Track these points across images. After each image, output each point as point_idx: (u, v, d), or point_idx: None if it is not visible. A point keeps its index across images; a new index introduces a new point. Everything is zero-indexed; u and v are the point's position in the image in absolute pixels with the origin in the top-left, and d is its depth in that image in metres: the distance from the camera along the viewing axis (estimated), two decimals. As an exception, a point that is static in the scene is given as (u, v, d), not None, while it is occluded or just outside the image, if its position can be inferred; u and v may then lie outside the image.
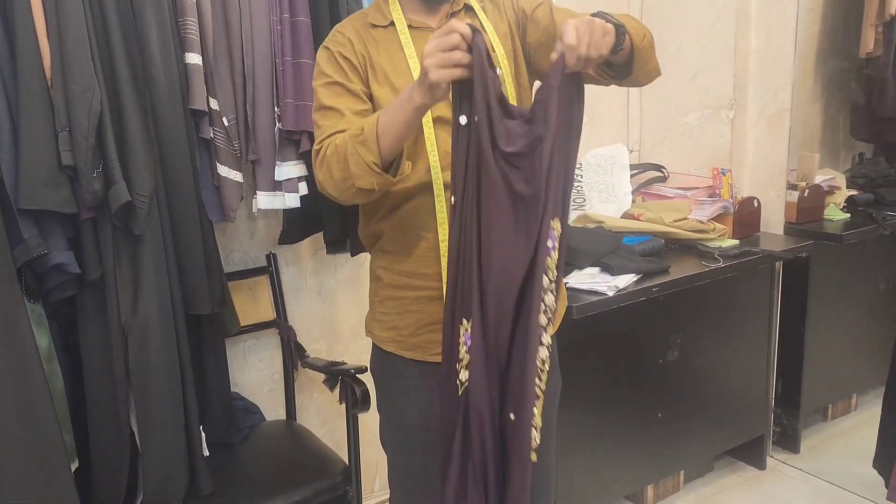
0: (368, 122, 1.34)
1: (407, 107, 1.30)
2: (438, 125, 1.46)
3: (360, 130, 1.34)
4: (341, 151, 1.36)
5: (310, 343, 2.46)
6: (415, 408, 1.56)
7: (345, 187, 1.38)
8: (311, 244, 2.41)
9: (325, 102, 1.46)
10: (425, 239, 1.49)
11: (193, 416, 1.90)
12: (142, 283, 1.73)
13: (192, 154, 1.89)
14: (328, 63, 1.49)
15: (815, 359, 2.83)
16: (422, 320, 1.52)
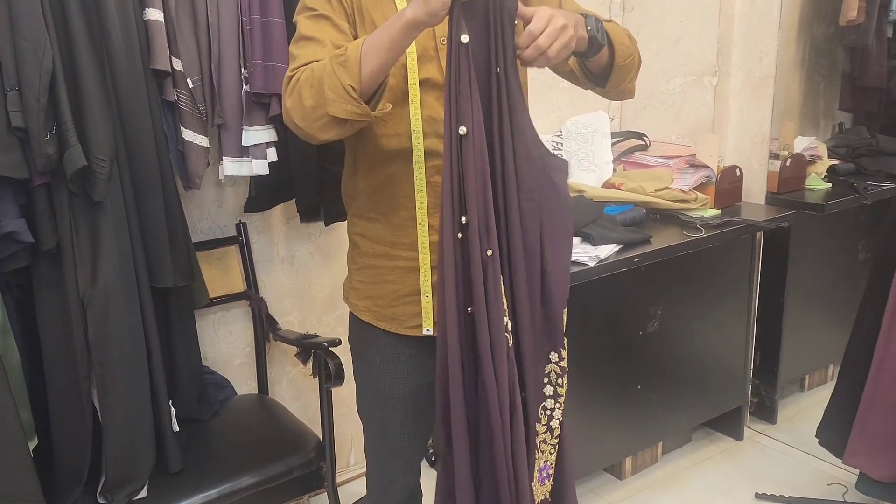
0: (353, 43, 1.24)
1: (396, 24, 1.19)
2: (425, 89, 1.37)
3: (343, 51, 1.23)
4: (317, 76, 1.25)
5: (282, 315, 2.39)
6: (391, 379, 1.52)
7: (315, 116, 1.26)
8: (283, 212, 2.33)
9: (304, 33, 1.35)
10: (404, 208, 1.42)
11: (161, 391, 1.83)
12: (101, 253, 1.65)
13: (155, 117, 1.80)
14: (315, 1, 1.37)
15: (794, 329, 2.81)
16: (398, 291, 1.46)
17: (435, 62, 1.36)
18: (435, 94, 1.37)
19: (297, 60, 1.33)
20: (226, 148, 1.95)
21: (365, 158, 1.44)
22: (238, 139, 1.95)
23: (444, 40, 1.35)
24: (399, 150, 1.39)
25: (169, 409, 1.85)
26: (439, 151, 1.36)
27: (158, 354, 1.81)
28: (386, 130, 1.38)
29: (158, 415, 1.83)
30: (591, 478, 2.57)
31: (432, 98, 1.37)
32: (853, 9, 3.17)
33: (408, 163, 1.39)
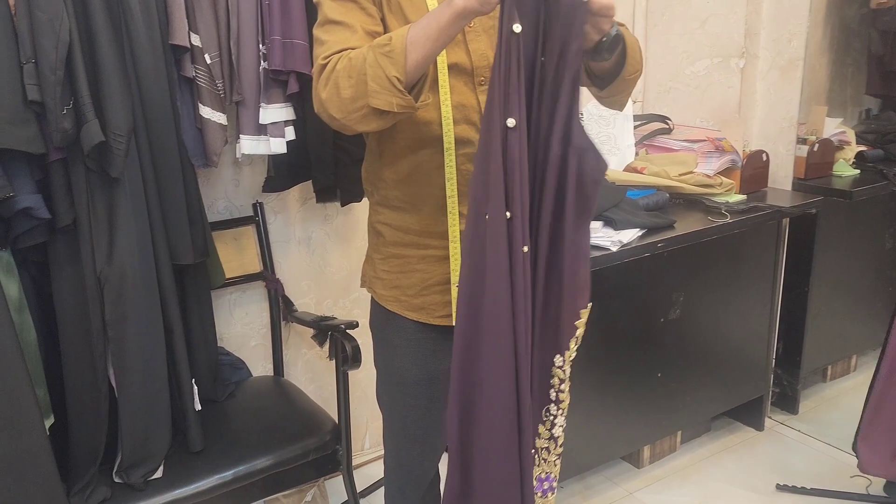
0: (397, 32, 1.18)
1: (445, 12, 1.14)
2: (454, 74, 1.33)
3: (387, 40, 1.18)
4: (356, 65, 1.19)
5: (298, 296, 2.37)
6: (415, 365, 1.49)
7: (354, 108, 1.21)
8: (300, 192, 2.30)
9: (331, 16, 1.29)
10: (434, 196, 1.38)
11: (184, 370, 1.83)
12: (118, 230, 1.63)
13: (173, 93, 1.77)
14: None
15: (818, 318, 2.76)
16: (426, 280, 1.43)
17: (462, 46, 1.32)
18: (463, 79, 1.33)
19: (326, 47, 1.27)
20: (243, 126, 1.93)
21: (392, 147, 1.39)
22: (256, 117, 1.92)
23: (473, 23, 1.32)
24: (429, 138, 1.35)
25: (192, 388, 1.84)
26: (470, 139, 1.33)
27: (181, 333, 1.79)
28: (415, 118, 1.34)
29: (181, 394, 1.82)
30: (608, 466, 2.54)
31: (461, 83, 1.33)
32: (883, -9, 3.10)
33: (437, 151, 1.35)
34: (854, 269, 2.86)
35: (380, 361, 1.58)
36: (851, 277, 2.86)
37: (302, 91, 1.93)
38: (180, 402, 1.85)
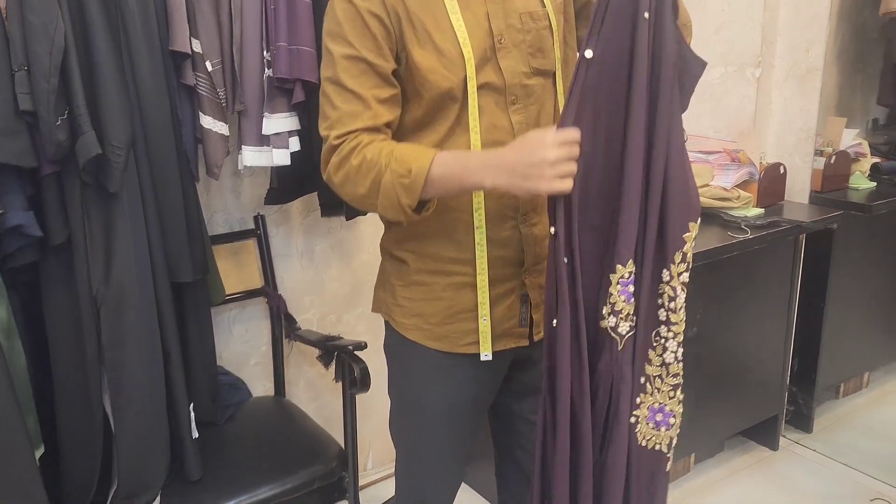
0: (419, 165, 1.18)
1: (472, 176, 1.18)
2: (484, 93, 1.26)
3: (406, 171, 1.18)
4: (372, 172, 1.20)
5: (300, 312, 2.27)
6: (436, 395, 1.40)
7: (364, 203, 1.26)
8: (303, 204, 2.21)
9: (344, 81, 1.23)
10: (464, 223, 1.31)
11: (181, 395, 1.72)
12: (116, 247, 1.53)
13: (173, 102, 1.68)
14: (351, 24, 1.22)
15: (833, 334, 2.69)
16: (452, 308, 1.34)
17: (493, 64, 1.25)
18: (494, 98, 1.26)
19: (337, 114, 1.23)
20: (246, 136, 1.83)
21: None
22: (259, 127, 1.82)
23: (503, 39, 1.26)
24: None
25: (189, 415, 1.74)
26: None
27: (178, 356, 1.69)
28: (445, 145, 1.28)
29: (177, 420, 1.72)
30: (620, 487, 2.45)
31: (491, 103, 1.26)
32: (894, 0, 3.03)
33: None
34: (869, 284, 2.79)
35: (396, 390, 1.49)
36: (866, 292, 2.80)
37: (308, 100, 1.84)
38: (177, 428, 1.75)
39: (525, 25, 1.28)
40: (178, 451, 1.75)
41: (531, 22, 1.29)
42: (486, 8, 1.26)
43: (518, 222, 1.33)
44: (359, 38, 1.22)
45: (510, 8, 1.27)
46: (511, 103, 1.28)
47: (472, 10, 1.25)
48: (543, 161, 1.11)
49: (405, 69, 1.25)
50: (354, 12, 1.22)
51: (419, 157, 1.19)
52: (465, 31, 1.23)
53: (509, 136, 1.28)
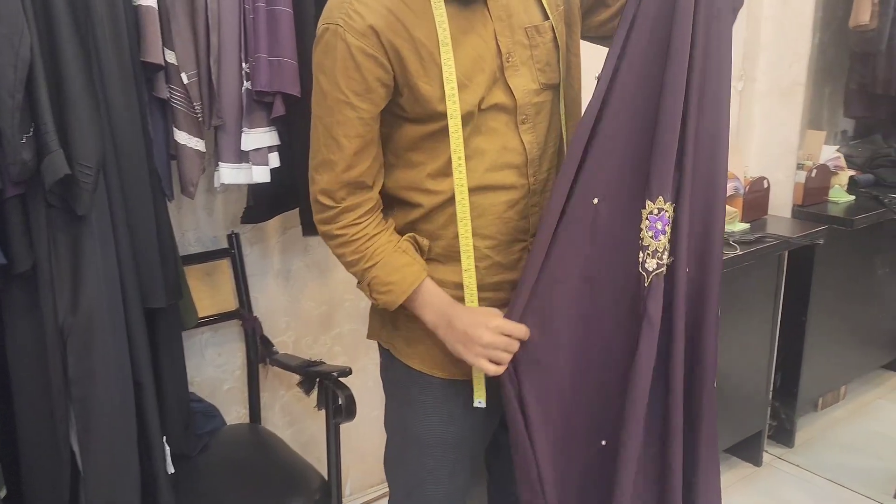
0: (399, 286, 1.24)
1: (427, 319, 1.26)
2: (493, 114, 1.22)
3: (386, 286, 1.24)
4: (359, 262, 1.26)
5: (275, 335, 2.17)
6: (440, 426, 1.34)
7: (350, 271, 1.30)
8: (279, 221, 2.11)
9: (329, 125, 1.20)
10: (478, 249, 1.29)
11: (154, 428, 1.61)
12: (84, 274, 1.42)
13: (145, 117, 1.57)
14: (342, 63, 1.15)
15: (814, 348, 2.68)
16: None
17: (501, 84, 1.20)
18: (504, 119, 1.21)
19: (320, 161, 1.22)
20: (223, 152, 1.73)
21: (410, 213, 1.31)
22: (237, 143, 1.73)
23: (511, 57, 1.21)
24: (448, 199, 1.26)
25: (163, 448, 1.64)
26: (513, 184, 1.25)
27: (151, 387, 1.59)
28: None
29: (150, 455, 1.61)
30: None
31: (501, 125, 1.21)
32: (865, 12, 3.04)
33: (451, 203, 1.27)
34: (849, 297, 2.80)
35: (395, 423, 1.41)
36: (846, 306, 2.80)
37: (288, 114, 1.75)
38: (150, 464, 1.64)
39: (532, 40, 1.23)
40: (150, 487, 1.64)
41: (538, 36, 1.24)
42: (493, 26, 1.20)
43: (527, 244, 1.29)
44: (347, 79, 1.16)
45: (516, 23, 1.22)
46: (521, 122, 1.23)
47: (478, 31, 1.20)
48: (479, 340, 1.19)
49: (411, 100, 1.20)
50: (347, 52, 1.15)
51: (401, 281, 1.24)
52: (452, 66, 1.17)
53: (520, 156, 1.24)
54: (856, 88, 3.28)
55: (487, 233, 1.26)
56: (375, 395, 2.44)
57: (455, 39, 1.18)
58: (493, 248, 1.27)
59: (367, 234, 1.24)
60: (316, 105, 1.22)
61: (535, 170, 1.26)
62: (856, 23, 3.04)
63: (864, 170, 2.95)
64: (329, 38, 1.16)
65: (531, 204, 1.28)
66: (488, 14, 1.20)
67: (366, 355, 2.39)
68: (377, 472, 2.50)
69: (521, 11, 1.23)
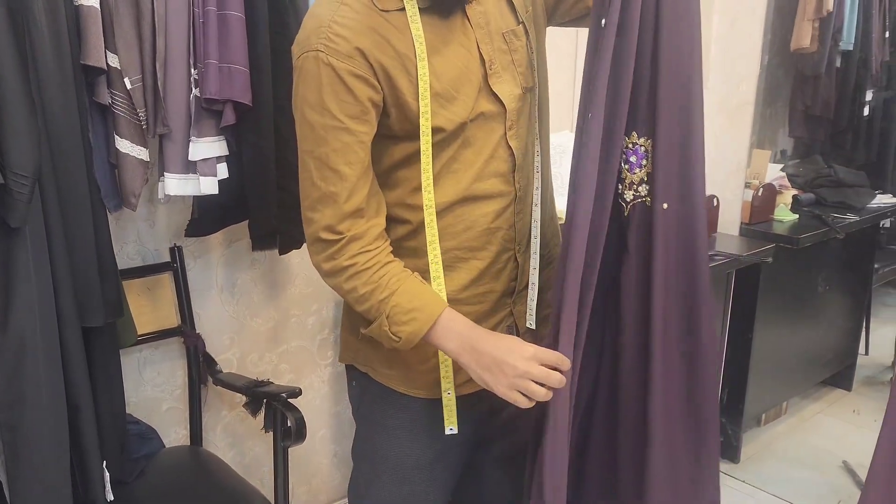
0: (423, 311, 1.15)
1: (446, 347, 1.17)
2: (480, 124, 1.20)
3: (408, 316, 1.15)
4: (370, 297, 1.17)
5: (219, 352, 2.08)
6: (417, 448, 1.31)
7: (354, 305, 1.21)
8: (224, 233, 2.02)
9: (325, 157, 1.13)
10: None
11: (93, 454, 1.52)
12: (16, 291, 1.32)
13: (84, 123, 1.48)
14: (332, 89, 1.10)
15: (759, 364, 2.72)
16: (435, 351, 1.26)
17: (485, 92, 1.19)
18: (490, 126, 1.20)
19: (319, 196, 1.15)
20: (169, 162, 1.65)
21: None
22: (184, 152, 1.64)
23: (493, 64, 1.20)
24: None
25: (102, 475, 1.54)
26: (501, 192, 1.23)
27: (90, 410, 1.50)
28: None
29: (87, 482, 1.52)
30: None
31: (485, 133, 1.21)
32: (806, 36, 3.12)
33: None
34: (791, 315, 2.85)
35: (369, 450, 1.35)
36: (789, 323, 2.85)
37: (238, 123, 1.68)
38: (87, 492, 1.54)
39: (511, 45, 1.22)
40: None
41: (515, 40, 1.23)
42: (474, 35, 1.18)
43: (515, 252, 1.28)
44: (339, 103, 1.11)
45: (494, 30, 1.20)
46: (509, 128, 1.22)
47: (460, 41, 1.17)
48: (513, 369, 1.10)
49: (400, 118, 1.16)
50: (334, 76, 1.10)
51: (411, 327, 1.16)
52: (427, 81, 1.13)
53: (506, 164, 1.22)
54: (801, 109, 3.37)
55: (476, 245, 1.24)
56: (323, 413, 2.38)
57: (438, 51, 1.15)
58: (482, 259, 1.25)
59: (380, 261, 1.17)
60: (303, 140, 1.15)
61: (520, 175, 1.25)
62: (797, 46, 3.12)
63: (806, 189, 3.02)
64: (310, 66, 1.11)
65: (516, 211, 1.26)
66: (468, 23, 1.18)
67: (313, 373, 2.31)
68: (323, 493, 2.43)
69: (498, 17, 1.22)
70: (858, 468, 2.69)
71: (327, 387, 2.36)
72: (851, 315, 3.21)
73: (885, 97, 3.54)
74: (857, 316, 3.25)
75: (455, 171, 1.19)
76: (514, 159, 1.23)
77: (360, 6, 1.13)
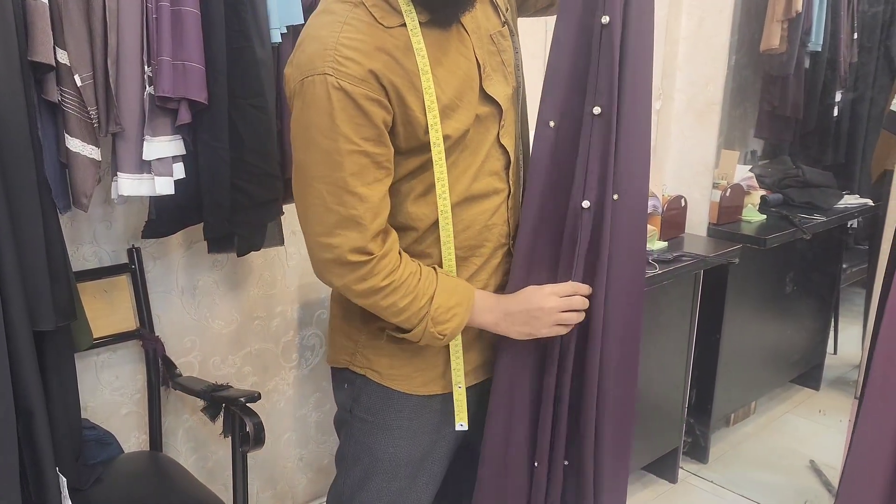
0: (463, 305, 1.22)
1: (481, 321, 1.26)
2: (477, 127, 1.22)
3: (451, 313, 1.21)
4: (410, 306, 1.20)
5: (180, 355, 2.04)
6: (412, 445, 1.34)
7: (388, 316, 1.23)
8: (184, 234, 1.98)
9: (344, 182, 1.12)
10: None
11: (48, 461, 1.49)
12: (-41, 294, 1.28)
13: (32, 121, 1.44)
14: (346, 114, 1.10)
15: (728, 365, 2.72)
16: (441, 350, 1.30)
17: (481, 94, 1.22)
18: (486, 125, 1.24)
19: (338, 221, 1.14)
20: (122, 162, 1.61)
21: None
22: (138, 152, 1.61)
23: (485, 67, 1.22)
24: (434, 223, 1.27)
25: (57, 483, 1.51)
26: (496, 189, 1.27)
27: (43, 415, 1.46)
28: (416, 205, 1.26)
29: (42, 489, 1.48)
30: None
31: (484, 133, 1.24)
32: (775, 37, 3.13)
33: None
34: (759, 315, 2.85)
35: (362, 451, 1.35)
36: (757, 323, 2.85)
37: (194, 121, 1.64)
38: (42, 500, 1.50)
39: (499, 46, 1.24)
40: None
41: (503, 41, 1.24)
42: (471, 42, 1.20)
43: (510, 246, 1.31)
44: (356, 127, 1.10)
45: (483, 33, 1.22)
46: (502, 127, 1.24)
47: (459, 50, 1.19)
48: (546, 310, 1.22)
49: (407, 134, 1.17)
50: (347, 101, 1.09)
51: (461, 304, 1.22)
52: (433, 94, 1.14)
53: (499, 161, 1.25)
54: (769, 110, 3.38)
55: (474, 243, 1.26)
56: (288, 416, 2.35)
57: (440, 63, 1.16)
58: (480, 256, 1.28)
59: (412, 271, 1.20)
60: (312, 166, 1.13)
61: (512, 171, 1.28)
62: (766, 46, 3.13)
63: (774, 190, 3.03)
64: (317, 90, 1.09)
65: (510, 207, 1.29)
66: (464, 30, 1.19)
67: (277, 375, 2.28)
68: (288, 497, 2.39)
69: (485, 20, 1.23)
70: (825, 468, 2.70)
71: (292, 389, 2.33)
72: (819, 315, 3.22)
73: (853, 98, 3.56)
74: (824, 316, 3.27)
75: (455, 175, 1.21)
76: (507, 156, 1.26)
77: (363, 25, 1.12)
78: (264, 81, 1.72)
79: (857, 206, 3.07)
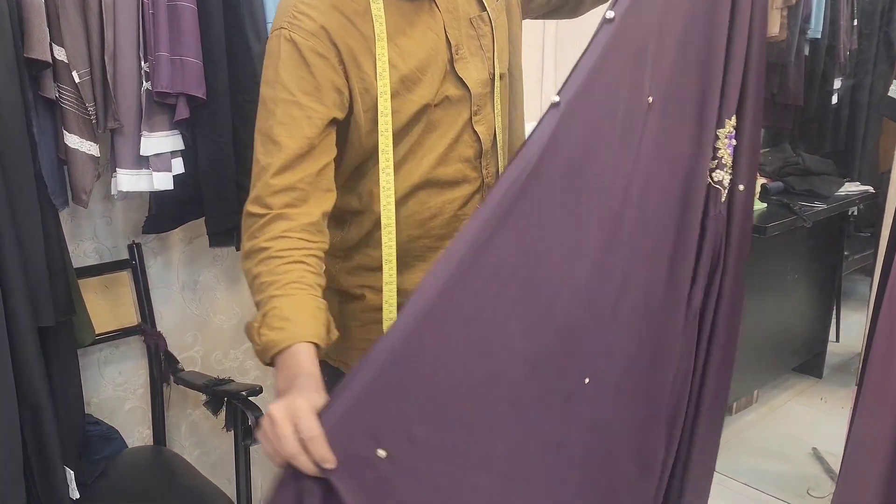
0: (295, 327, 1.00)
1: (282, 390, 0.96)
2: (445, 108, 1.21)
3: (280, 324, 1.00)
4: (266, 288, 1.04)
5: (182, 350, 2.05)
6: None
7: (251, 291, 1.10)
8: (185, 230, 1.99)
9: (270, 130, 1.09)
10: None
11: (55, 454, 1.51)
12: (-40, 292, 1.29)
13: (30, 118, 1.45)
14: (290, 65, 1.09)
15: (729, 354, 2.71)
16: None
17: (451, 76, 1.20)
18: (456, 110, 1.21)
19: (256, 171, 1.10)
20: (121, 158, 1.61)
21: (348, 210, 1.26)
22: (136, 147, 1.61)
23: (459, 49, 1.20)
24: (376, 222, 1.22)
25: (65, 474, 1.53)
26: (466, 177, 1.24)
27: (50, 410, 1.48)
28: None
29: (50, 482, 1.51)
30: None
31: (451, 116, 1.21)
32: (775, 24, 3.12)
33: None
34: (761, 303, 2.85)
35: None
36: (759, 311, 2.85)
37: (193, 116, 1.64)
38: (50, 493, 1.51)
39: (479, 30, 1.22)
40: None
41: (483, 25, 1.23)
42: (442, 19, 1.19)
43: None
44: (296, 80, 1.09)
45: (462, 15, 1.21)
46: (474, 113, 1.22)
47: (428, 24, 1.18)
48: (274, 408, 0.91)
49: (367, 104, 1.15)
50: (294, 51, 1.09)
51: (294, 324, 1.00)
52: (385, 62, 1.13)
53: (471, 149, 1.23)
54: (768, 98, 3.37)
55: (445, 232, 1.24)
56: (289, 411, 2.35)
57: (404, 32, 1.15)
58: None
59: (293, 257, 1.05)
60: (257, 119, 1.13)
61: (486, 162, 1.26)
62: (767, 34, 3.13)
63: (775, 177, 3.02)
64: (271, 45, 1.12)
65: (483, 198, 1.27)
66: (436, 7, 1.19)
67: (279, 370, 2.28)
68: (292, 491, 2.40)
69: (465, 3, 1.22)
70: (828, 456, 2.70)
71: (294, 383, 2.33)
72: (820, 303, 3.22)
73: (853, 85, 3.55)
74: (826, 304, 3.26)
75: (419, 155, 1.20)
76: (480, 144, 1.24)
77: None
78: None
79: (858, 194, 3.06)
